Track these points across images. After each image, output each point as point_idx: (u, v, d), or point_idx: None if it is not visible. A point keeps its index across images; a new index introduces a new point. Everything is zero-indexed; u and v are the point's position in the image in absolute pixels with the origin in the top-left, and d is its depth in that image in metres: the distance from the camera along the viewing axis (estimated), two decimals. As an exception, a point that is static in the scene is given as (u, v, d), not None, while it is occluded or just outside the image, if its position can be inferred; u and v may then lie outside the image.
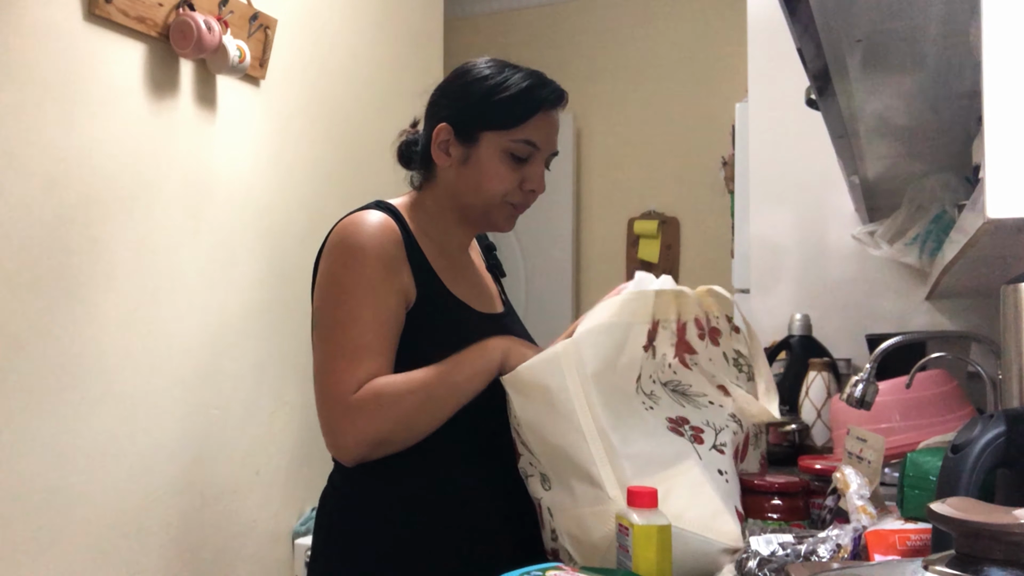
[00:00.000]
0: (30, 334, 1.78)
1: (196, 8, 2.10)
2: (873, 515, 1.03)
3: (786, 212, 2.48)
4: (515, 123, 1.29)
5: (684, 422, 1.16)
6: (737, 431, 1.21)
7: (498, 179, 1.30)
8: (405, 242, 1.28)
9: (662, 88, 4.04)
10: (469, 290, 1.36)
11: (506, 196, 1.31)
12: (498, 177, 1.30)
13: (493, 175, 1.30)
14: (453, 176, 1.33)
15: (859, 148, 1.64)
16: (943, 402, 1.59)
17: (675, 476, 1.09)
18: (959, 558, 0.60)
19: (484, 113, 1.30)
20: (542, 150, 1.32)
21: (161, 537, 2.06)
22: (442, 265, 1.33)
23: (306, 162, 2.58)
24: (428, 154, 1.35)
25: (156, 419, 2.07)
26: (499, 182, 1.30)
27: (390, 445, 1.21)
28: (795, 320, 2.21)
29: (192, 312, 2.18)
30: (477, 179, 1.31)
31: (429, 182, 1.38)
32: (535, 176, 1.32)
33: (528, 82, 1.31)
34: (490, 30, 4.32)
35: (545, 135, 1.32)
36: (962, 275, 1.46)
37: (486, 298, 1.42)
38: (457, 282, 1.34)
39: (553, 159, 1.37)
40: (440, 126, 1.32)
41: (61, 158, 1.84)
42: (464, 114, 1.32)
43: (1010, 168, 0.69)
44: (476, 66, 1.35)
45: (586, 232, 4.23)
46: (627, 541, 0.97)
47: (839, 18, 0.99)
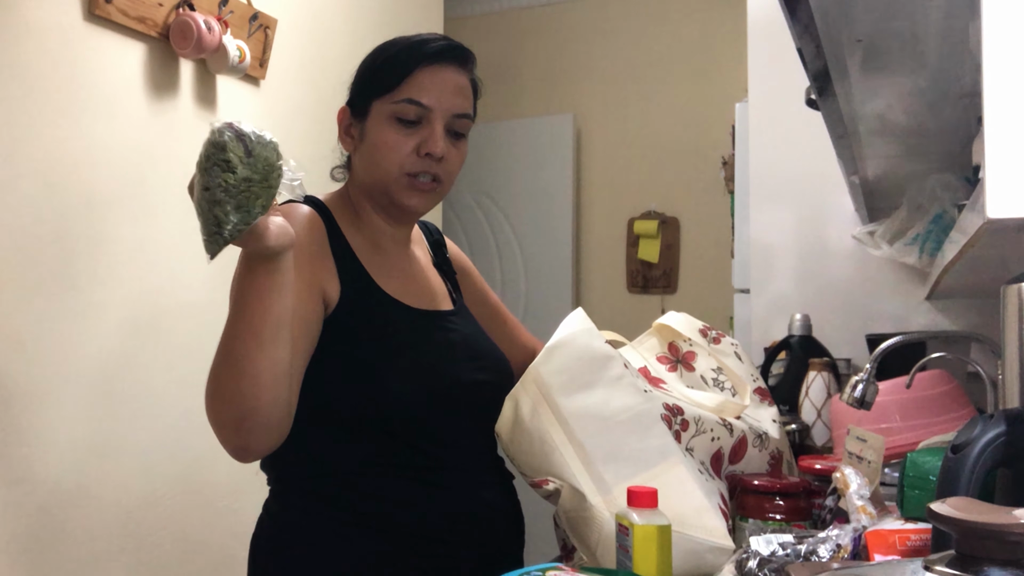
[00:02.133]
0: (31, 334, 1.78)
1: (196, 8, 2.10)
2: (873, 515, 1.03)
3: (786, 212, 2.48)
4: (396, 83, 1.20)
5: (679, 412, 1.18)
6: (720, 436, 1.22)
7: (388, 148, 1.20)
8: (330, 237, 1.20)
9: (662, 88, 4.03)
10: (405, 286, 1.26)
11: (403, 166, 1.20)
12: (388, 145, 1.20)
13: (383, 145, 1.20)
14: (358, 159, 1.26)
15: (859, 148, 1.64)
16: (943, 402, 1.59)
17: (659, 475, 1.09)
18: (959, 558, 0.60)
19: (368, 82, 1.24)
20: (433, 109, 1.20)
21: (161, 537, 2.06)
22: (373, 260, 1.23)
23: (305, 162, 2.58)
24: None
25: (156, 419, 2.06)
26: (390, 150, 1.20)
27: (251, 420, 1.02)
28: (795, 320, 2.21)
29: (192, 312, 2.18)
30: (372, 153, 1.22)
31: (349, 175, 1.31)
32: (431, 139, 1.19)
33: (408, 42, 1.24)
34: (490, 30, 4.32)
35: (433, 93, 1.20)
36: (962, 275, 1.45)
37: (427, 295, 1.30)
38: (392, 278, 1.24)
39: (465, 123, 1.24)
40: (340, 109, 1.28)
41: (61, 158, 1.84)
42: (355, 90, 1.27)
43: (1010, 168, 0.69)
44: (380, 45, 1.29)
45: (586, 232, 4.23)
46: (627, 541, 0.97)
47: (839, 18, 0.99)
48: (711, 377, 1.37)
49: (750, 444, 1.28)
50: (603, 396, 1.15)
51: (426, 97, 1.20)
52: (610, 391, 1.16)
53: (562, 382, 1.15)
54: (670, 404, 1.19)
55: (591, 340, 1.20)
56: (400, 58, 1.22)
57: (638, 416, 1.15)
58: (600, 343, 1.20)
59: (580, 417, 1.13)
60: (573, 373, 1.16)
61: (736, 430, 1.25)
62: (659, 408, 1.17)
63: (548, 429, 1.12)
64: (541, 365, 1.17)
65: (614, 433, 1.13)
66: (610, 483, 1.09)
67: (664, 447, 1.14)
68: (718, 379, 1.37)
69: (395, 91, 1.20)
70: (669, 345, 1.40)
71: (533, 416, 1.14)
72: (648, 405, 1.16)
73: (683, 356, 1.37)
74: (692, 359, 1.38)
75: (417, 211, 1.26)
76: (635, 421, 1.15)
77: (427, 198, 1.24)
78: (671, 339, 1.39)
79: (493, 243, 4.30)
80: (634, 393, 1.17)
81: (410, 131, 1.20)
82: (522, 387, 1.17)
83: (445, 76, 1.22)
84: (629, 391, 1.17)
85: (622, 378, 1.17)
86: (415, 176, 1.21)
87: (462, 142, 1.25)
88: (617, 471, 1.10)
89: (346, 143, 1.27)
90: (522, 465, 1.17)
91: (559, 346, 1.18)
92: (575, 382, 1.15)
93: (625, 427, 1.14)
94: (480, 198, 4.29)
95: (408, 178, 1.21)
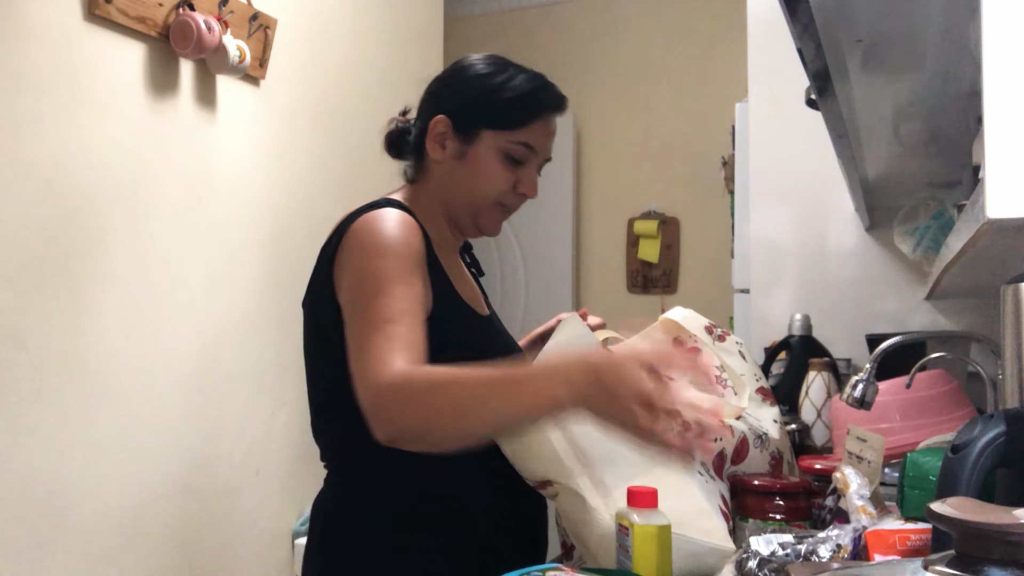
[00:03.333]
0: (30, 334, 1.78)
1: (196, 8, 2.10)
2: (873, 515, 1.03)
3: (786, 212, 2.48)
4: (517, 125, 1.26)
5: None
6: (721, 437, 1.22)
7: (493, 179, 1.27)
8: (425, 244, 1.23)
9: (662, 88, 4.04)
10: (468, 292, 1.33)
11: (500, 197, 1.28)
12: (493, 177, 1.27)
13: (488, 174, 1.27)
14: (446, 172, 1.29)
15: (859, 148, 1.64)
16: (943, 402, 1.59)
17: (659, 478, 1.09)
18: (959, 558, 0.60)
19: (486, 111, 1.27)
20: (539, 154, 1.29)
21: (161, 537, 2.06)
22: (448, 266, 1.29)
23: (306, 162, 2.58)
24: (421, 145, 1.31)
25: (156, 419, 2.06)
26: (494, 182, 1.27)
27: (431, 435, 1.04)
28: (795, 320, 2.21)
29: (192, 312, 2.18)
30: (472, 177, 1.28)
31: (421, 175, 1.33)
32: (529, 180, 1.29)
33: (533, 84, 1.29)
34: (490, 30, 4.32)
35: (543, 140, 1.29)
36: (962, 275, 1.45)
37: (478, 299, 1.38)
38: (459, 284, 1.30)
39: (545, 166, 1.34)
40: (438, 117, 1.28)
41: (61, 158, 1.84)
42: (465, 109, 1.28)
43: (1010, 168, 0.69)
44: (478, 62, 1.31)
45: (586, 232, 4.23)
46: (627, 541, 0.97)
47: (839, 18, 0.99)
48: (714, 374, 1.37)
49: (751, 445, 1.28)
50: None
51: (537, 144, 1.28)
52: None
53: None
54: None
55: (587, 347, 1.20)
56: (525, 101, 1.27)
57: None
58: (596, 348, 1.20)
59: (578, 420, 1.13)
60: None
61: (736, 431, 1.25)
62: None
63: (547, 433, 1.12)
64: None
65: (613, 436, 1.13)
66: (610, 486, 1.09)
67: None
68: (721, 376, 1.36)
69: (515, 132, 1.26)
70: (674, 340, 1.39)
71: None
72: None
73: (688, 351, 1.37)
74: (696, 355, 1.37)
75: (491, 234, 1.34)
76: None
77: (501, 224, 1.34)
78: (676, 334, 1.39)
79: (493, 243, 4.30)
80: None
81: (513, 168, 1.28)
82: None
83: (552, 125, 1.31)
84: None
85: None
86: (506, 208, 1.31)
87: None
88: (617, 473, 1.10)
89: (436, 151, 1.29)
90: (523, 469, 1.17)
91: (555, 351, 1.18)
92: None
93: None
94: (480, 198, 4.29)
95: (500, 209, 1.30)
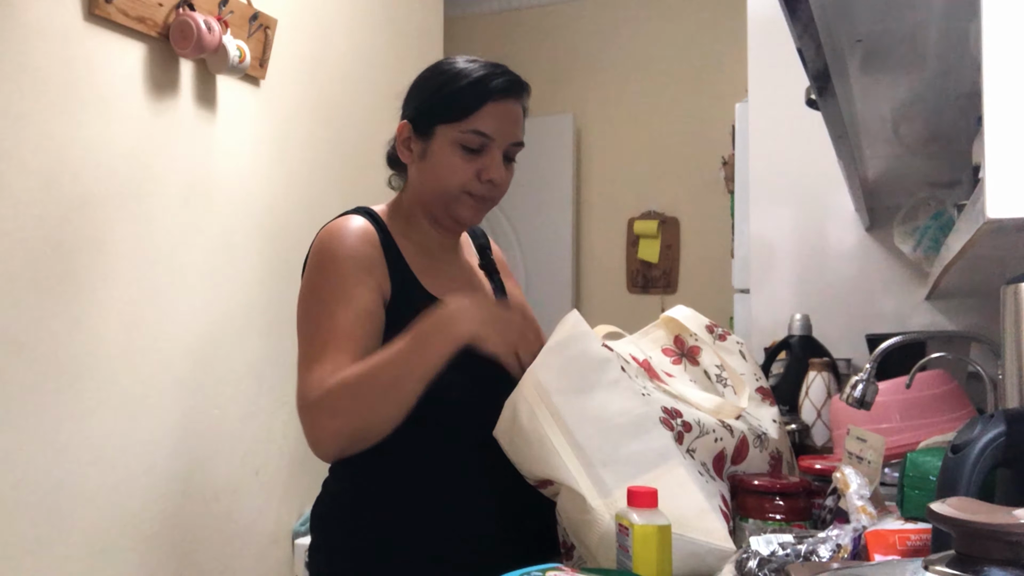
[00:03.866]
0: (30, 334, 1.78)
1: (196, 8, 2.10)
2: (873, 515, 1.03)
3: (786, 212, 2.48)
4: (464, 114, 1.30)
5: (677, 415, 1.18)
6: (723, 437, 1.22)
7: (452, 171, 1.31)
8: (383, 244, 1.30)
9: (662, 88, 4.04)
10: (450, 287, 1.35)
11: (464, 187, 1.32)
12: (451, 169, 1.31)
13: (447, 167, 1.31)
14: (416, 173, 1.36)
15: (859, 148, 1.64)
16: (943, 402, 1.59)
17: (659, 477, 1.09)
18: (959, 558, 0.60)
19: (435, 106, 1.32)
20: (496, 140, 1.31)
21: (161, 537, 2.06)
22: (422, 265, 1.34)
23: (306, 162, 2.58)
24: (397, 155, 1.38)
25: (156, 419, 2.07)
26: (453, 174, 1.31)
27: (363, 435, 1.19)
28: (795, 320, 2.21)
29: (192, 312, 2.18)
30: (434, 172, 1.32)
31: (403, 183, 1.41)
32: (491, 166, 1.31)
33: (480, 73, 1.32)
34: (490, 30, 4.32)
35: (498, 125, 1.31)
36: (962, 275, 1.45)
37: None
38: (438, 282, 1.34)
39: (518, 149, 1.36)
40: (401, 124, 1.36)
41: (61, 158, 1.84)
42: (420, 109, 1.34)
43: (1010, 168, 0.69)
44: (443, 63, 1.37)
45: (586, 232, 4.24)
46: (627, 541, 0.97)
47: (839, 18, 0.99)
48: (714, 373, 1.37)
49: (751, 445, 1.28)
50: (601, 399, 1.15)
51: (490, 129, 1.30)
52: (608, 394, 1.16)
53: (560, 386, 1.15)
54: (668, 407, 1.18)
55: (587, 343, 1.20)
56: (469, 90, 1.30)
57: (637, 419, 1.15)
58: (596, 346, 1.20)
59: (579, 419, 1.13)
60: (570, 377, 1.16)
61: (736, 431, 1.25)
62: (657, 411, 1.17)
63: (547, 432, 1.12)
64: (538, 369, 1.17)
65: (613, 435, 1.13)
66: (610, 485, 1.09)
67: (664, 449, 1.13)
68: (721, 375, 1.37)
69: (463, 122, 1.30)
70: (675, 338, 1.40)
71: (531, 419, 1.14)
72: (646, 408, 1.16)
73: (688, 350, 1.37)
74: (697, 353, 1.37)
75: (469, 223, 1.38)
76: (634, 424, 1.14)
77: (478, 212, 1.36)
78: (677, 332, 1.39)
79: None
80: (632, 396, 1.17)
81: (472, 157, 1.31)
82: (520, 392, 1.17)
83: (507, 109, 1.32)
84: (627, 394, 1.17)
85: (619, 381, 1.17)
86: (472, 195, 1.33)
87: (512, 164, 1.37)
88: (617, 473, 1.10)
89: (405, 155, 1.36)
90: (523, 468, 1.18)
91: (555, 350, 1.18)
92: (572, 386, 1.16)
93: (624, 430, 1.14)
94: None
95: (470, 198, 1.33)
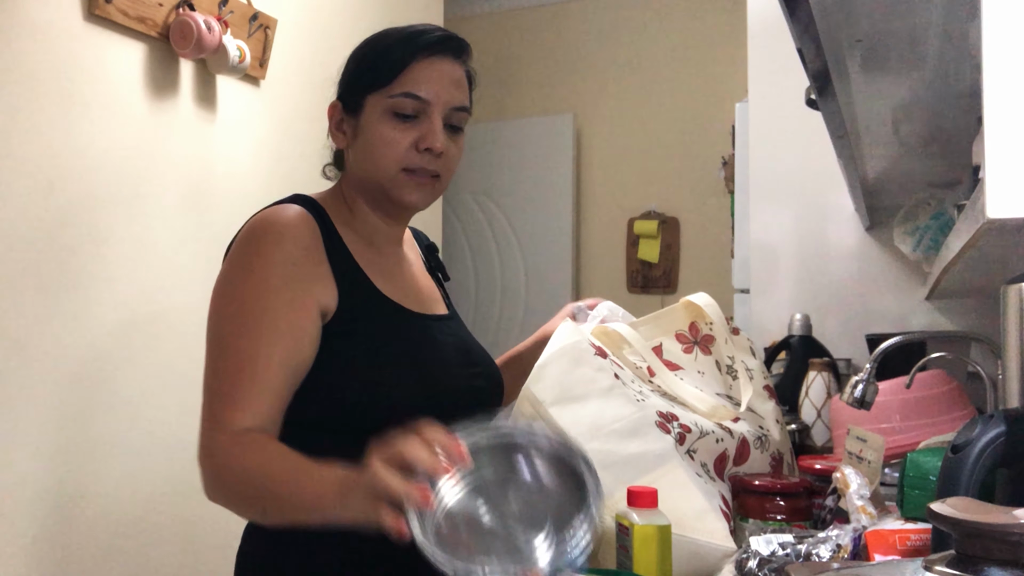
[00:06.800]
0: (30, 334, 1.78)
1: (196, 8, 2.10)
2: (873, 515, 1.03)
3: (786, 212, 2.47)
4: (391, 76, 1.16)
5: (673, 418, 1.18)
6: (723, 438, 1.22)
7: (385, 143, 1.16)
8: (325, 238, 1.15)
9: (662, 88, 4.04)
10: (403, 289, 1.23)
11: (401, 162, 1.16)
12: (385, 141, 1.16)
13: (380, 140, 1.16)
14: (352, 155, 1.22)
15: (859, 148, 1.64)
16: (943, 402, 1.59)
17: (658, 479, 1.09)
18: (959, 558, 0.61)
19: (362, 76, 1.19)
20: (432, 102, 1.16)
21: (161, 537, 2.06)
22: (370, 260, 1.20)
23: (306, 162, 2.58)
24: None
25: (156, 419, 2.06)
26: (388, 146, 1.16)
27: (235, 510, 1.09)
28: (795, 320, 2.21)
29: (192, 312, 2.17)
30: (368, 150, 1.18)
31: (342, 173, 1.27)
32: (428, 133, 1.16)
33: (403, 34, 1.19)
34: (490, 30, 4.32)
35: (432, 86, 1.16)
36: (962, 275, 1.45)
37: (425, 299, 1.28)
38: (389, 280, 1.21)
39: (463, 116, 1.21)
40: (331, 104, 1.23)
41: (61, 158, 1.84)
42: (347, 84, 1.21)
43: (1010, 168, 0.69)
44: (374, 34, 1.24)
45: (586, 232, 4.23)
46: (627, 541, 0.97)
47: (839, 18, 0.99)
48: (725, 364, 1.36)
49: (751, 447, 1.28)
50: (596, 408, 1.15)
51: (424, 90, 1.16)
52: (603, 403, 1.16)
53: (555, 396, 1.15)
54: (664, 411, 1.19)
55: (580, 354, 1.19)
56: (395, 50, 1.17)
57: (633, 424, 1.15)
58: (589, 356, 1.20)
59: (575, 425, 1.13)
60: (564, 387, 1.16)
61: (736, 434, 1.25)
62: (653, 415, 1.17)
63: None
64: (532, 384, 1.16)
65: (611, 440, 1.13)
66: (610, 487, 1.09)
67: (662, 451, 1.14)
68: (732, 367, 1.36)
69: (391, 85, 1.16)
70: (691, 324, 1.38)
71: None
72: (642, 413, 1.16)
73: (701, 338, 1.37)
74: (710, 343, 1.36)
75: (416, 207, 1.22)
76: (630, 429, 1.15)
77: (426, 193, 1.20)
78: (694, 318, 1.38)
79: (493, 243, 4.30)
80: (627, 403, 1.17)
81: (407, 126, 1.16)
82: (518, 409, 1.16)
83: (442, 68, 1.18)
84: (621, 401, 1.17)
85: (613, 389, 1.18)
86: (413, 172, 1.17)
87: (460, 136, 1.22)
88: (616, 476, 1.10)
89: (338, 139, 1.23)
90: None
91: (548, 363, 1.18)
92: (567, 395, 1.16)
93: (621, 434, 1.14)
94: (480, 198, 4.29)
95: (406, 174, 1.17)
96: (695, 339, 1.36)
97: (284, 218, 1.14)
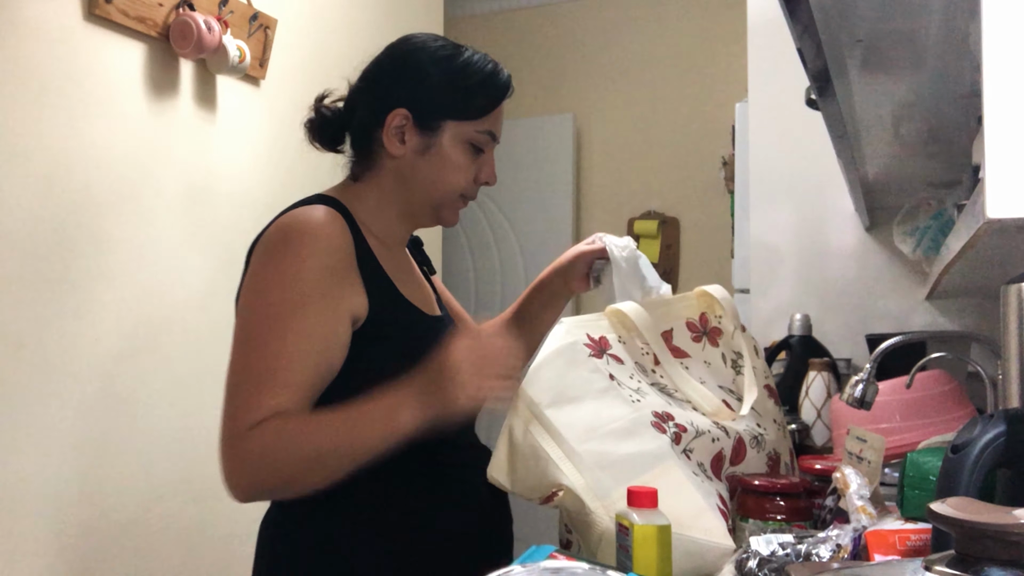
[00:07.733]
0: (30, 334, 1.78)
1: (196, 8, 2.10)
2: (873, 515, 1.03)
3: (786, 212, 2.47)
4: (481, 113, 1.23)
5: (669, 418, 1.18)
6: (719, 437, 1.22)
7: (458, 171, 1.23)
8: (356, 245, 1.18)
9: (662, 88, 4.03)
10: (416, 292, 1.28)
11: (463, 189, 1.25)
12: (458, 169, 1.23)
13: (454, 167, 1.23)
14: (406, 166, 1.23)
15: (859, 148, 1.64)
16: (943, 402, 1.59)
17: (656, 479, 1.09)
18: (959, 558, 0.60)
19: (448, 100, 1.22)
20: (498, 141, 1.27)
21: (161, 537, 2.06)
22: (390, 264, 1.24)
23: (306, 162, 2.58)
24: (367, 139, 1.25)
25: (156, 419, 2.06)
26: (459, 174, 1.23)
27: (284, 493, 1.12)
28: (795, 320, 2.21)
29: (192, 312, 2.18)
30: (437, 171, 1.23)
31: (371, 172, 1.26)
32: (489, 167, 1.27)
33: (488, 68, 1.25)
34: (490, 30, 4.32)
35: (501, 127, 1.28)
36: (962, 275, 1.45)
37: (428, 299, 1.33)
38: (405, 284, 1.25)
39: None
40: (397, 111, 1.21)
41: (61, 158, 1.84)
42: (426, 100, 1.22)
43: (1010, 168, 0.69)
44: (427, 45, 1.25)
45: (586, 232, 4.23)
46: (627, 541, 0.97)
47: (839, 18, 0.99)
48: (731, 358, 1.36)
49: (747, 446, 1.28)
50: (592, 409, 1.16)
51: (498, 131, 1.27)
52: (598, 404, 1.16)
53: (550, 398, 1.15)
54: (659, 411, 1.19)
55: (574, 355, 1.19)
56: (487, 88, 1.25)
57: (629, 424, 1.15)
58: (584, 357, 1.20)
59: (571, 427, 1.13)
60: (559, 390, 1.16)
61: (731, 432, 1.25)
62: (648, 416, 1.17)
63: (541, 443, 1.12)
64: (527, 387, 1.16)
65: (607, 440, 1.13)
66: (608, 487, 1.09)
67: (659, 451, 1.14)
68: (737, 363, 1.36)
69: (478, 121, 1.23)
70: (701, 315, 1.38)
71: (525, 435, 1.14)
72: (637, 414, 1.17)
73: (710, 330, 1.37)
74: (718, 335, 1.37)
75: (450, 225, 1.31)
76: (626, 429, 1.15)
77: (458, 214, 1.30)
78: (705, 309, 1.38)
79: (493, 243, 4.30)
80: (622, 403, 1.17)
81: (475, 157, 1.25)
82: (514, 412, 1.16)
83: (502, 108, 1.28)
84: (617, 402, 1.17)
85: (608, 390, 1.18)
86: (464, 199, 1.27)
87: None
88: (614, 476, 1.10)
89: (396, 147, 1.23)
90: (525, 491, 1.15)
91: (542, 365, 1.18)
92: (562, 397, 1.16)
93: (617, 435, 1.14)
94: (480, 198, 4.27)
95: (460, 200, 1.27)
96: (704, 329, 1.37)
97: (318, 221, 1.16)
